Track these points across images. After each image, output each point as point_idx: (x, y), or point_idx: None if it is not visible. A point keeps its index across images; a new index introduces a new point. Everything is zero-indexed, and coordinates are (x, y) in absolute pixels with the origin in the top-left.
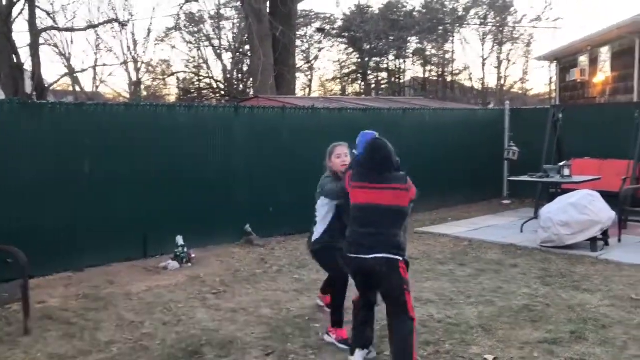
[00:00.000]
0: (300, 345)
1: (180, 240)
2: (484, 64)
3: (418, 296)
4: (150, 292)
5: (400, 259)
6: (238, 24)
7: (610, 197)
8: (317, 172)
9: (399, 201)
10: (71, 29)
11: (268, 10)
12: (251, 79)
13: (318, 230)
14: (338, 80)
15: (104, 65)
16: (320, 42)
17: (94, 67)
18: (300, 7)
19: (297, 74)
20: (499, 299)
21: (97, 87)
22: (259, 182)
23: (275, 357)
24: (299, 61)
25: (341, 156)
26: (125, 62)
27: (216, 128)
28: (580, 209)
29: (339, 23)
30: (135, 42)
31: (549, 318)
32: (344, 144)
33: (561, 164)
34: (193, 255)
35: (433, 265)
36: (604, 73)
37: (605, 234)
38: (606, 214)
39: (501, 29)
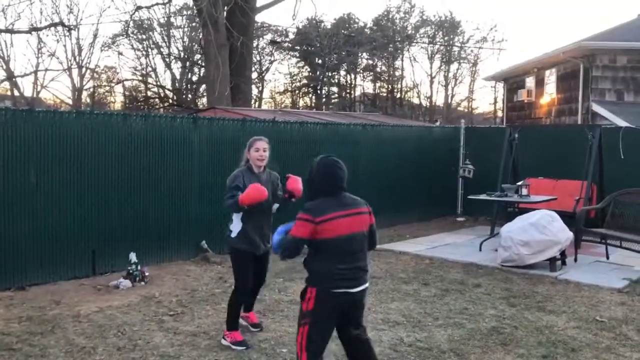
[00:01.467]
0: None
1: (133, 257)
2: (432, 82)
3: (385, 318)
4: (102, 313)
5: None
6: (188, 33)
7: (563, 217)
8: None
9: (366, 227)
10: (12, 31)
11: (225, 19)
12: (201, 89)
13: (235, 229)
14: (289, 93)
15: (47, 70)
16: (272, 55)
17: (35, 72)
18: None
19: None
20: (467, 321)
21: (38, 92)
22: (216, 196)
23: None
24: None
25: (259, 150)
26: (69, 68)
27: (173, 139)
28: (540, 229)
29: (291, 36)
30: (80, 47)
31: (519, 341)
32: (264, 139)
33: (519, 183)
34: (147, 273)
35: (397, 285)
36: (549, 95)
37: (563, 253)
38: (564, 234)
39: (449, 48)
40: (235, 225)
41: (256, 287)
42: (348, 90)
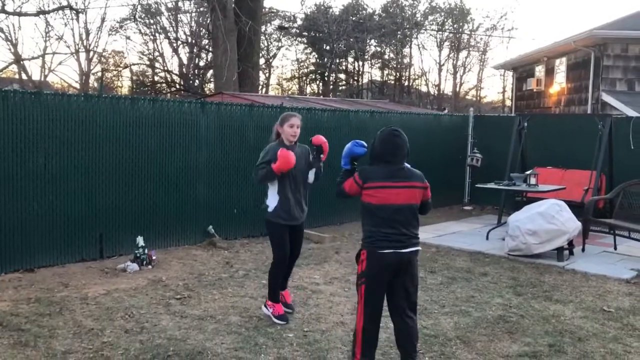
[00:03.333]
0: (274, 357)
1: (140, 240)
2: (440, 70)
3: None
4: (109, 296)
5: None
6: (196, 18)
7: (572, 207)
8: None
9: (416, 200)
10: (20, 13)
11: (233, 4)
12: (208, 74)
13: (271, 203)
14: (296, 80)
15: (54, 53)
16: (279, 40)
17: (43, 55)
18: (264, 3)
19: None
20: (474, 309)
21: (45, 76)
22: (223, 181)
23: None
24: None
25: (294, 127)
26: (76, 52)
27: (181, 124)
28: (548, 219)
29: (299, 22)
30: (87, 31)
31: (526, 330)
32: (298, 116)
33: (528, 172)
34: (154, 257)
35: None
36: (559, 84)
37: (570, 243)
38: (573, 224)
39: (458, 36)
40: (271, 199)
41: (291, 260)
42: (355, 78)
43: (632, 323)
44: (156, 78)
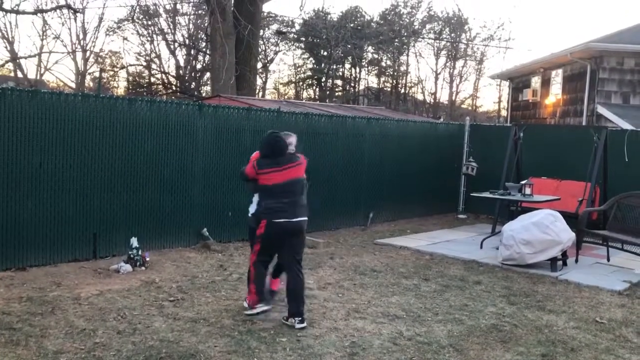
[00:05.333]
0: None
1: (135, 241)
2: (436, 79)
3: (385, 311)
4: (102, 296)
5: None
6: (194, 20)
7: (566, 218)
8: None
9: (303, 174)
10: (18, 11)
11: (232, 7)
12: (205, 77)
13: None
14: (293, 85)
15: (51, 52)
16: (277, 45)
17: (40, 54)
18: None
19: None
20: (467, 317)
21: (41, 74)
22: (219, 184)
23: None
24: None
25: (291, 145)
26: (73, 51)
27: (178, 125)
28: (543, 229)
29: (297, 27)
30: (85, 31)
31: (519, 339)
32: (293, 135)
33: (523, 182)
34: (148, 259)
35: (397, 279)
36: (555, 95)
37: (564, 254)
38: (566, 235)
39: (455, 45)
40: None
41: None
42: (352, 84)
43: (625, 334)
44: (153, 79)
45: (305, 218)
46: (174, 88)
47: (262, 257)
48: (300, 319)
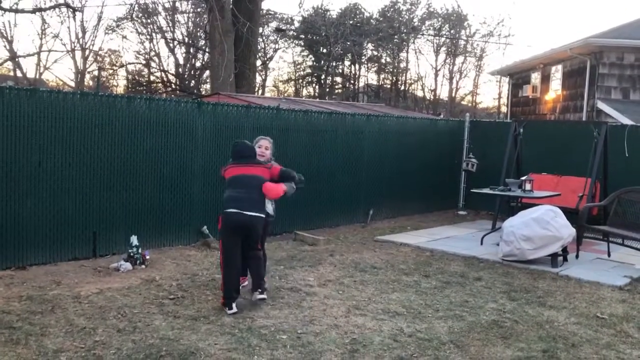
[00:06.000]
0: (267, 359)
1: (134, 240)
2: (436, 75)
3: (386, 308)
4: (102, 295)
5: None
6: (193, 18)
7: (566, 213)
8: None
9: (262, 173)
10: (17, 10)
11: (231, 5)
12: (204, 75)
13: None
14: (292, 82)
15: (50, 51)
16: (276, 43)
17: (39, 53)
18: (262, 5)
19: None
20: (467, 314)
21: (40, 73)
22: (218, 182)
23: None
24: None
25: (261, 147)
26: (72, 50)
27: (177, 123)
28: (543, 224)
29: (297, 25)
30: (84, 30)
31: (519, 335)
32: (266, 138)
33: (523, 178)
34: (147, 257)
35: (398, 276)
36: (555, 91)
37: (565, 250)
38: (567, 230)
39: (454, 41)
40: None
41: None
42: (352, 81)
43: (626, 330)
44: (152, 78)
45: (256, 214)
46: (173, 86)
47: (227, 254)
48: (259, 290)
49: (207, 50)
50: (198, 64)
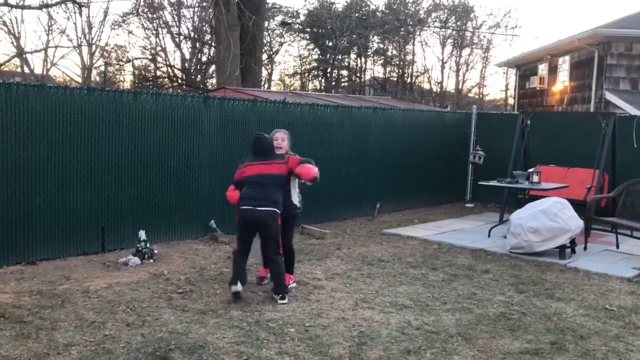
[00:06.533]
0: (275, 352)
1: (142, 234)
2: (443, 67)
3: (393, 301)
4: (111, 289)
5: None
6: (199, 13)
7: (574, 205)
8: None
9: (280, 170)
10: (23, 7)
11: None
12: (210, 70)
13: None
14: (298, 76)
15: (56, 47)
16: (282, 36)
17: (45, 49)
18: None
19: None
20: (475, 306)
21: (47, 69)
22: (225, 176)
23: None
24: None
25: (277, 140)
26: (79, 45)
27: (184, 118)
28: (551, 216)
29: (302, 18)
30: (90, 25)
31: (527, 327)
32: (281, 131)
33: (530, 170)
34: (156, 251)
35: (405, 269)
36: (562, 82)
37: (573, 242)
38: (575, 222)
39: (461, 33)
40: (296, 197)
41: None
42: (358, 74)
43: (634, 321)
44: (158, 73)
45: (270, 209)
46: (179, 81)
47: (240, 245)
48: (281, 295)
49: (213, 44)
50: (204, 59)
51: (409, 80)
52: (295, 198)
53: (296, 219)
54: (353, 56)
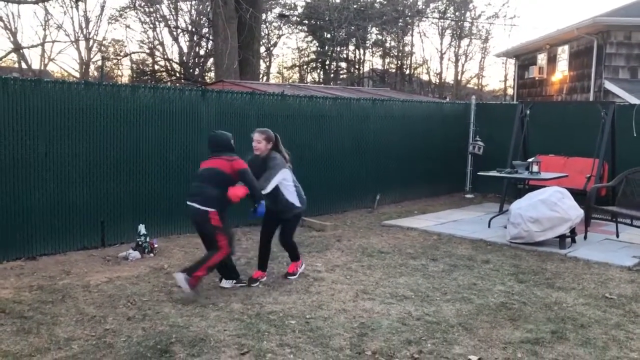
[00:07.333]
0: (276, 344)
1: (142, 228)
2: (441, 58)
3: (394, 292)
4: (111, 283)
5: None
6: (196, 6)
7: (574, 195)
8: None
9: (220, 166)
10: (19, 1)
11: None
12: (208, 63)
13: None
14: (297, 68)
15: (54, 42)
16: (280, 29)
17: (43, 44)
18: None
19: None
20: (476, 296)
21: (45, 65)
22: None
23: (252, 357)
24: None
25: (253, 140)
26: (76, 40)
27: (182, 112)
28: (551, 206)
29: (300, 10)
30: (87, 20)
31: (528, 317)
32: (259, 131)
33: (530, 160)
34: (156, 245)
35: (405, 260)
36: (561, 72)
37: (573, 231)
38: (575, 212)
39: (460, 24)
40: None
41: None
42: (357, 66)
43: (635, 310)
44: (156, 67)
45: (199, 207)
46: (177, 75)
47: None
48: (186, 276)
49: (210, 37)
50: (202, 52)
51: (407, 71)
52: (292, 196)
53: (297, 219)
54: (351, 48)
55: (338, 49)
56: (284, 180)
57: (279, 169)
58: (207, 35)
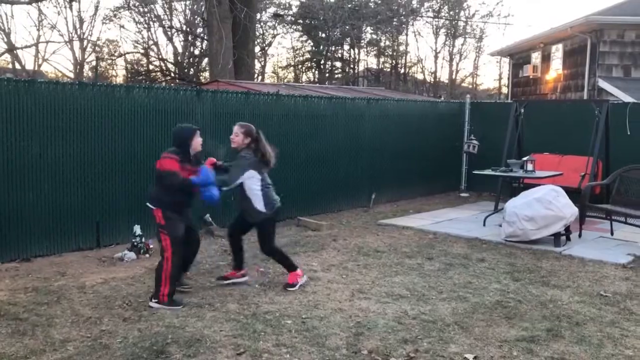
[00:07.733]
0: (272, 344)
1: (137, 229)
2: (436, 57)
3: (389, 291)
4: (107, 284)
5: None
6: (190, 6)
7: (568, 193)
8: (281, 159)
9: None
10: (13, 2)
11: None
12: (203, 63)
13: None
14: (292, 68)
15: (48, 42)
16: (275, 28)
17: (36, 44)
18: None
19: None
20: (471, 295)
21: (39, 65)
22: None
23: (248, 357)
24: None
25: (232, 135)
26: (70, 40)
27: (177, 112)
28: (545, 204)
29: (295, 10)
30: (81, 20)
31: (523, 315)
32: (238, 124)
33: (524, 158)
34: (151, 246)
35: (401, 259)
36: (555, 70)
37: (567, 229)
38: (569, 210)
39: (454, 23)
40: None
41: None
42: (351, 65)
43: (629, 307)
44: (151, 67)
45: (148, 204)
46: (172, 75)
47: None
48: (156, 300)
49: (205, 37)
50: (196, 52)
51: (402, 70)
52: (257, 200)
53: (268, 224)
54: (346, 47)
55: (333, 49)
56: (250, 182)
57: (245, 169)
58: (201, 35)
